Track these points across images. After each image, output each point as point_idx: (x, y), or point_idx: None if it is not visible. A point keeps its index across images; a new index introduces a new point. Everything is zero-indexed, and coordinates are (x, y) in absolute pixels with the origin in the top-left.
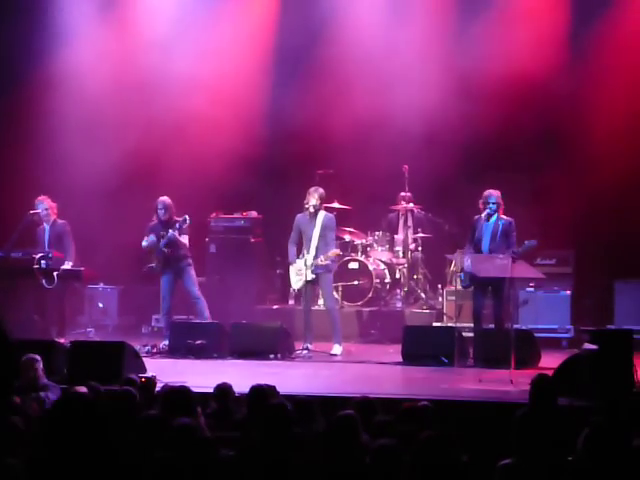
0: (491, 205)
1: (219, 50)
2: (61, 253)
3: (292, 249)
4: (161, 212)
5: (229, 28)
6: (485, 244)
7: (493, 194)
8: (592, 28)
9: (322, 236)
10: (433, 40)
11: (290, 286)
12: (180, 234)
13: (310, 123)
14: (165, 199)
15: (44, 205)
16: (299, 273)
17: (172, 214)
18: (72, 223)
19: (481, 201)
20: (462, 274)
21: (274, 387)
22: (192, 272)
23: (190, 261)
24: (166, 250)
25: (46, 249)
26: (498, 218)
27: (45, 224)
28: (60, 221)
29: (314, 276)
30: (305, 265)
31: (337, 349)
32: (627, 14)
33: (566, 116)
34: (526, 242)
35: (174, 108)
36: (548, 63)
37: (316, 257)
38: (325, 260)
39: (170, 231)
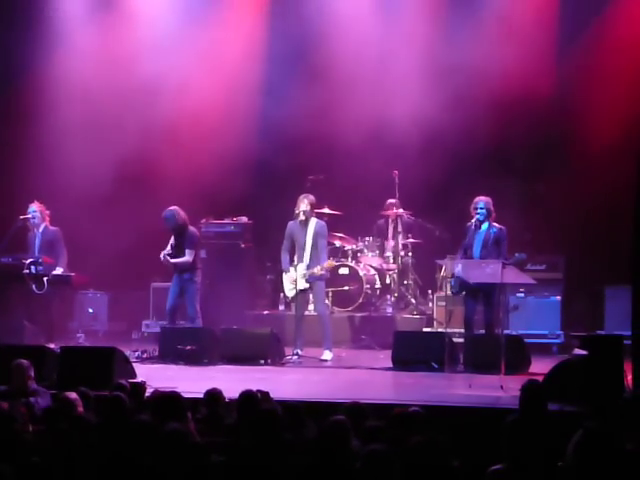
0: (479, 210)
1: (213, 56)
2: (52, 259)
3: (285, 257)
4: (168, 222)
5: (224, 34)
6: (476, 251)
7: (482, 200)
8: (586, 34)
9: (314, 244)
10: (426, 47)
11: (281, 292)
12: (186, 248)
13: (301, 129)
14: (170, 209)
15: (35, 210)
16: (292, 282)
17: (178, 223)
18: (63, 228)
19: (472, 207)
20: (452, 280)
21: (267, 393)
22: (193, 290)
23: (193, 277)
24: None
25: (36, 254)
26: (490, 226)
27: (36, 229)
28: (52, 227)
29: (308, 285)
30: (298, 273)
31: (327, 355)
32: (620, 19)
33: (558, 123)
34: (516, 255)
35: (167, 113)
36: (542, 70)
37: (310, 265)
38: (321, 271)
39: (162, 253)
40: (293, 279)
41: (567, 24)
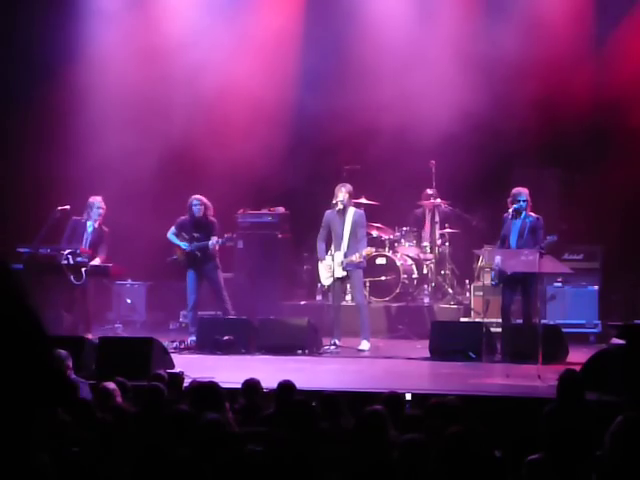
0: (522, 203)
1: (252, 47)
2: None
3: (321, 246)
4: (196, 209)
5: (262, 25)
6: (513, 241)
7: (523, 192)
8: (626, 25)
9: (353, 233)
10: (463, 37)
11: (318, 282)
12: (212, 236)
13: (339, 119)
14: (200, 199)
15: (98, 206)
16: (329, 270)
17: (205, 213)
18: (103, 218)
19: (510, 199)
20: (493, 273)
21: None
22: (218, 276)
23: (216, 263)
24: (198, 253)
25: (86, 247)
26: (526, 215)
27: (90, 223)
28: (104, 228)
29: (345, 273)
30: (335, 262)
31: (365, 345)
32: None
33: (596, 112)
34: (548, 237)
35: (207, 104)
36: (582, 61)
37: (348, 254)
38: (359, 258)
39: (213, 240)
40: (330, 267)
41: (606, 15)
